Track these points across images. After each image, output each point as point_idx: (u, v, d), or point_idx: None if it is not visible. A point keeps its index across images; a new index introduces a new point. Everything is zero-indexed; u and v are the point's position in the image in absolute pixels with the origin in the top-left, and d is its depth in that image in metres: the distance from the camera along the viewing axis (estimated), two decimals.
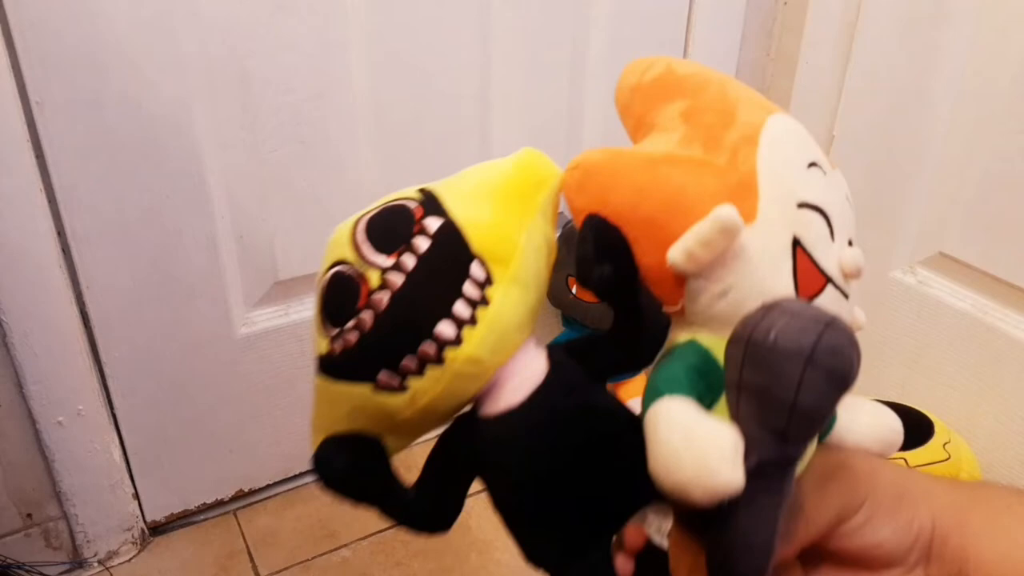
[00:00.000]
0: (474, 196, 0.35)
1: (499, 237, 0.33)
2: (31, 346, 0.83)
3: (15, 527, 0.93)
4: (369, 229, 0.34)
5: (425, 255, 0.32)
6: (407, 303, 0.31)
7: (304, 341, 1.01)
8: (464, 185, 0.35)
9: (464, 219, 0.33)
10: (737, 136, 0.33)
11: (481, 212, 0.34)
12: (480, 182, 0.36)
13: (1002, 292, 0.97)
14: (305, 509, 1.07)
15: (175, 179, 0.85)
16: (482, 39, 0.97)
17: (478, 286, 0.32)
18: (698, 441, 0.29)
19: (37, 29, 0.73)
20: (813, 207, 0.33)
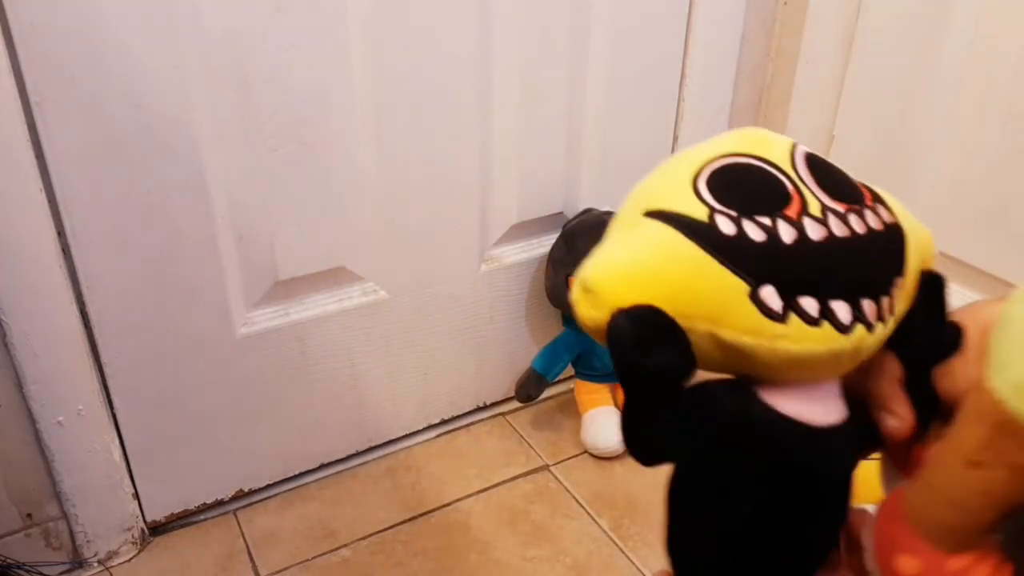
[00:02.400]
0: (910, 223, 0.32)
1: (914, 272, 0.31)
2: (31, 346, 0.83)
3: (15, 527, 0.93)
4: (811, 161, 0.30)
5: (876, 232, 0.29)
6: (844, 255, 0.28)
7: (304, 341, 1.01)
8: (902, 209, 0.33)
9: (911, 234, 0.31)
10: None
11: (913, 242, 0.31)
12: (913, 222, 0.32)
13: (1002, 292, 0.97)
14: (305, 509, 1.07)
15: (175, 179, 0.85)
16: (482, 40, 0.97)
17: (894, 298, 0.30)
18: None
19: (37, 29, 0.73)
20: None
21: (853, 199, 0.30)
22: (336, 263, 1.00)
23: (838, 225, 0.28)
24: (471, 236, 1.08)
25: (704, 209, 0.28)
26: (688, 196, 0.28)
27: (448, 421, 1.20)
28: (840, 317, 0.28)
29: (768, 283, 0.27)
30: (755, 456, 0.30)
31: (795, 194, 0.28)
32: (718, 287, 0.27)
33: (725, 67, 1.17)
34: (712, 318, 0.28)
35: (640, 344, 0.27)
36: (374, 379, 1.10)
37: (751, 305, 0.27)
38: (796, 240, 0.27)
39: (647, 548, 1.00)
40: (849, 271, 0.28)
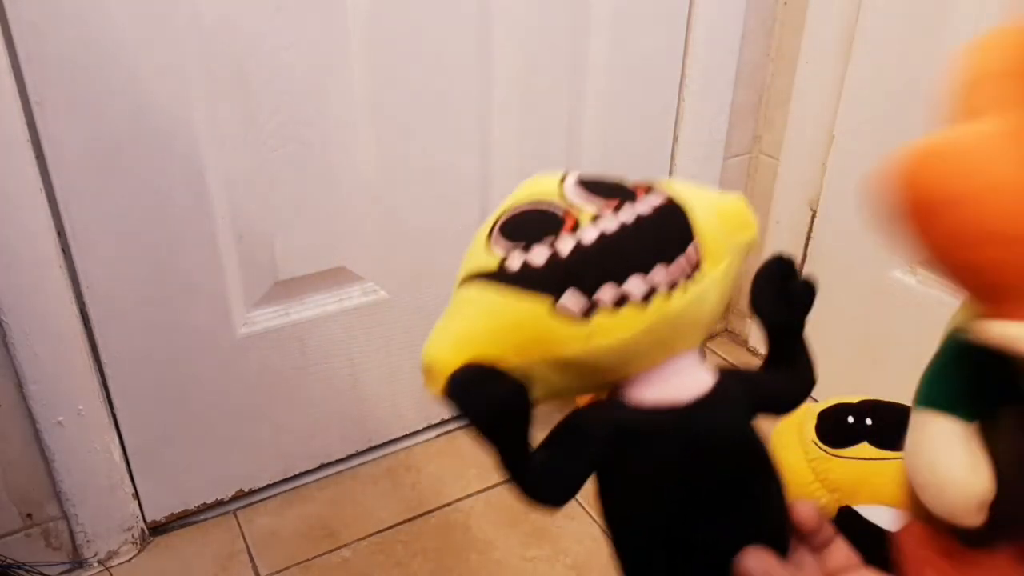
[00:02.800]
0: (699, 197, 0.34)
1: (717, 239, 0.33)
2: (31, 346, 0.83)
3: (15, 527, 0.93)
4: (582, 181, 0.33)
5: (649, 215, 0.32)
6: (622, 242, 0.31)
7: (304, 341, 1.01)
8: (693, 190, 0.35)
9: (689, 203, 0.33)
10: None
11: (707, 212, 0.33)
12: (702, 193, 0.35)
13: None
14: (305, 509, 1.07)
15: (175, 179, 0.85)
16: (482, 40, 0.97)
17: (692, 264, 0.32)
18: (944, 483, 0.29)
19: (37, 29, 0.73)
20: None
21: (622, 197, 0.32)
22: (336, 263, 1.00)
23: (609, 221, 0.31)
24: (471, 236, 1.08)
25: (495, 258, 0.31)
26: (484, 253, 0.32)
27: (448, 421, 1.20)
28: (635, 293, 0.30)
29: (563, 289, 0.30)
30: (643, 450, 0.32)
31: (567, 215, 0.31)
32: (525, 316, 0.30)
33: (725, 67, 1.17)
34: (537, 345, 0.30)
35: (467, 394, 0.30)
36: (374, 379, 1.10)
37: (557, 317, 0.30)
38: (574, 248, 0.30)
39: None
40: (630, 253, 0.30)
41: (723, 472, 0.32)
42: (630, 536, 0.34)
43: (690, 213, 0.32)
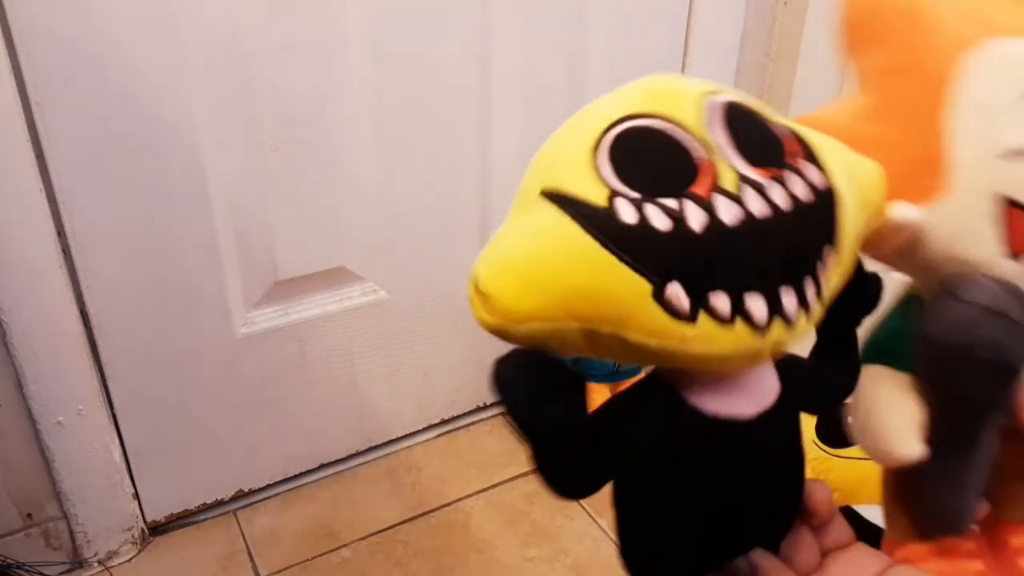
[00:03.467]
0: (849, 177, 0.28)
1: (853, 239, 0.28)
2: (31, 346, 0.83)
3: (15, 527, 0.93)
4: (726, 117, 0.26)
5: (803, 205, 0.26)
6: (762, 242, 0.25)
7: (304, 341, 1.01)
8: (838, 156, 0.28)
9: (845, 199, 0.27)
10: (921, 100, 0.30)
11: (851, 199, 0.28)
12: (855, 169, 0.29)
13: None
14: (305, 509, 1.07)
15: (175, 179, 0.85)
16: (482, 40, 0.97)
17: (826, 276, 0.27)
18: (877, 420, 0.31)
19: (37, 29, 0.73)
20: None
21: (776, 161, 0.26)
22: (336, 263, 1.00)
23: (756, 201, 0.25)
24: (471, 236, 1.08)
25: (604, 191, 0.24)
26: (587, 173, 0.25)
27: (448, 421, 1.20)
28: (755, 315, 0.25)
29: (675, 279, 0.24)
30: (689, 462, 0.28)
31: (706, 164, 0.25)
32: (619, 287, 0.24)
33: (725, 67, 1.17)
34: (615, 321, 0.25)
35: (526, 399, 0.25)
36: (374, 379, 1.10)
37: (656, 306, 0.24)
38: (706, 226, 0.24)
39: None
40: (767, 258, 0.25)
41: (767, 482, 0.30)
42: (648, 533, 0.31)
43: (840, 207, 0.27)
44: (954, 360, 0.29)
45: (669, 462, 0.28)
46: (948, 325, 0.29)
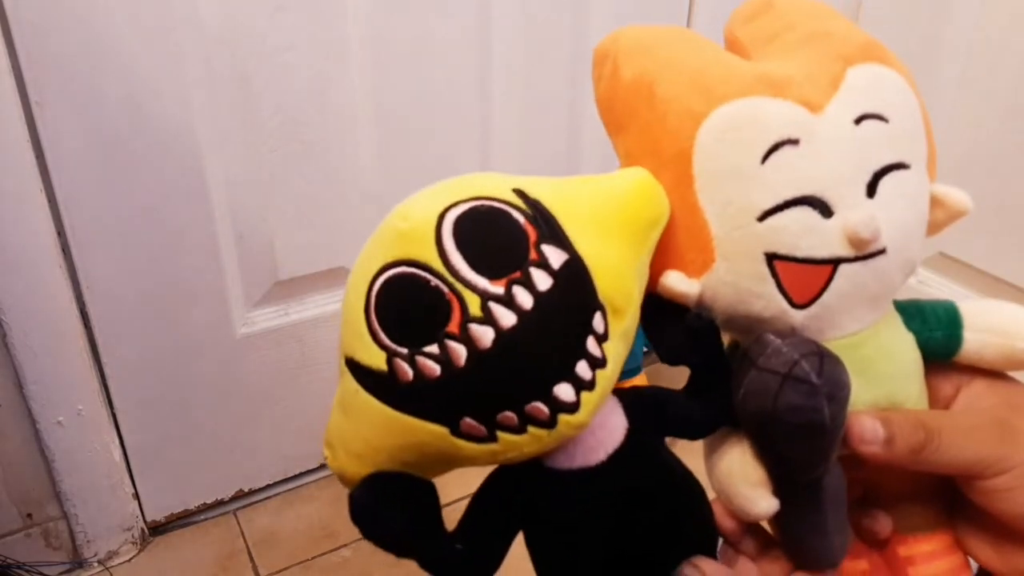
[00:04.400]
0: (595, 225, 0.29)
1: (621, 284, 0.28)
2: (31, 346, 0.83)
3: (15, 527, 0.93)
4: (462, 235, 0.27)
5: (546, 296, 0.26)
6: (520, 352, 0.26)
7: (304, 341, 1.01)
8: (579, 206, 0.29)
9: (590, 257, 0.28)
10: (671, 179, 0.31)
11: (606, 250, 0.28)
12: (599, 207, 0.29)
13: (1002, 292, 0.97)
14: (305, 509, 1.07)
15: (175, 179, 0.85)
16: (482, 40, 0.97)
17: (598, 342, 0.28)
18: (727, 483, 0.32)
19: (37, 29, 0.73)
20: (783, 205, 0.29)
21: (515, 263, 0.27)
22: (336, 263, 1.00)
23: (504, 313, 0.26)
24: None
25: (382, 355, 0.27)
26: (365, 338, 0.27)
27: None
28: (539, 417, 0.27)
29: (464, 416, 0.27)
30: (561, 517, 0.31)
31: (452, 298, 0.26)
32: (425, 438, 0.27)
33: None
34: (440, 459, 0.28)
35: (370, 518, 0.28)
36: None
37: (460, 440, 0.27)
38: (468, 357, 0.26)
39: None
40: (531, 364, 0.26)
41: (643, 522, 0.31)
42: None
43: (594, 270, 0.28)
44: (763, 427, 0.29)
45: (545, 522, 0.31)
46: (750, 395, 0.29)
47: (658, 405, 0.32)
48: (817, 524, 0.32)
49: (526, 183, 0.29)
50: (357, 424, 0.28)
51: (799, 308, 0.30)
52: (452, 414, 0.27)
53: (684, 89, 0.31)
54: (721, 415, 0.32)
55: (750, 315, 0.31)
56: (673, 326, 0.31)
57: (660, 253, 0.31)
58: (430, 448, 0.28)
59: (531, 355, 0.26)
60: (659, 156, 0.31)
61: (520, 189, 0.29)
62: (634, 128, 0.32)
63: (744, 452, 0.32)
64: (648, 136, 0.32)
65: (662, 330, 0.31)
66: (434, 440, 0.27)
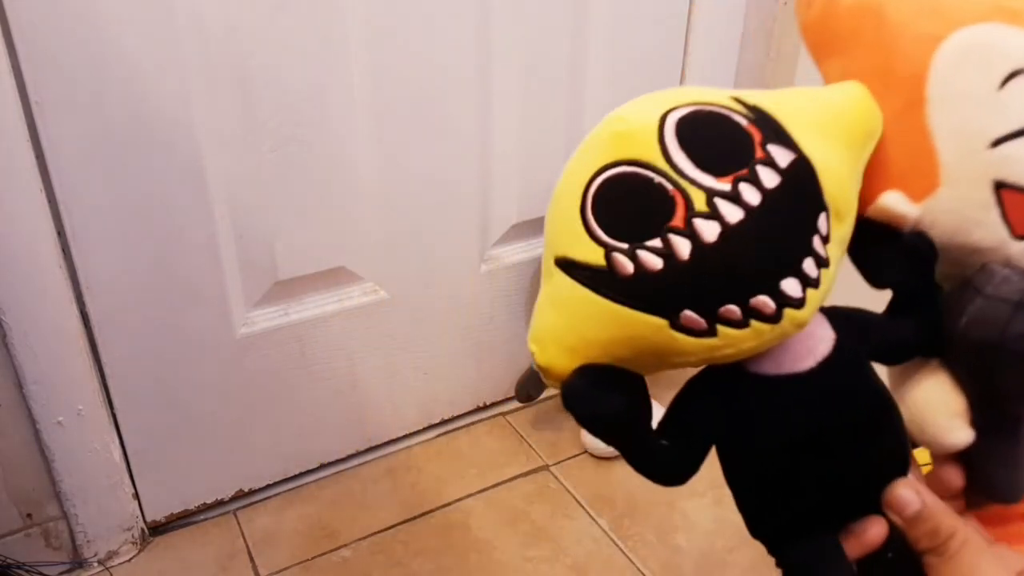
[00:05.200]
0: (817, 130, 0.29)
1: (844, 189, 0.29)
2: (31, 346, 0.83)
3: (15, 527, 0.93)
4: (685, 136, 0.27)
5: (774, 193, 0.27)
6: (748, 246, 0.26)
7: (304, 341, 1.01)
8: (799, 112, 0.29)
9: (816, 159, 0.28)
10: (901, 101, 0.31)
11: (831, 153, 0.28)
12: (818, 114, 0.30)
13: None
14: (305, 509, 1.07)
15: (175, 179, 0.85)
16: (481, 39, 0.97)
17: (823, 242, 0.28)
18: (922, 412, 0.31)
19: (37, 29, 0.73)
20: (1018, 133, 0.29)
21: (740, 161, 0.27)
22: (336, 263, 1.00)
23: (730, 209, 0.26)
24: (471, 236, 1.08)
25: (598, 250, 0.27)
26: (582, 237, 0.28)
27: (448, 421, 1.20)
28: (765, 311, 0.27)
29: (685, 308, 0.27)
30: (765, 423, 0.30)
31: (676, 194, 0.27)
32: (642, 331, 0.27)
33: (725, 67, 1.17)
34: (653, 354, 0.28)
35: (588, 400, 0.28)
36: (374, 379, 1.10)
37: (678, 334, 0.27)
38: (692, 252, 0.26)
39: (647, 548, 1.00)
40: (759, 257, 0.27)
41: (848, 431, 0.31)
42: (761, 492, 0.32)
43: (820, 172, 0.28)
44: (985, 356, 0.29)
45: (751, 426, 0.31)
46: (975, 323, 0.29)
47: (863, 326, 0.32)
48: (1009, 457, 0.32)
49: (741, 93, 0.30)
50: (571, 319, 0.28)
51: (1019, 239, 0.30)
52: (673, 306, 0.27)
53: (917, 13, 0.31)
54: (926, 341, 0.32)
55: (966, 244, 0.31)
56: (888, 246, 0.31)
57: (876, 176, 0.31)
58: (645, 342, 0.28)
59: (759, 250, 0.27)
60: (888, 78, 0.31)
61: (737, 97, 0.29)
62: (857, 51, 0.32)
63: (943, 382, 0.32)
64: (875, 58, 0.31)
65: (876, 249, 0.31)
66: (651, 333, 0.27)
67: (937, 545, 0.30)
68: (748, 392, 0.30)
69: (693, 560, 0.99)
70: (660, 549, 1.00)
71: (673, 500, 1.07)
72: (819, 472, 0.31)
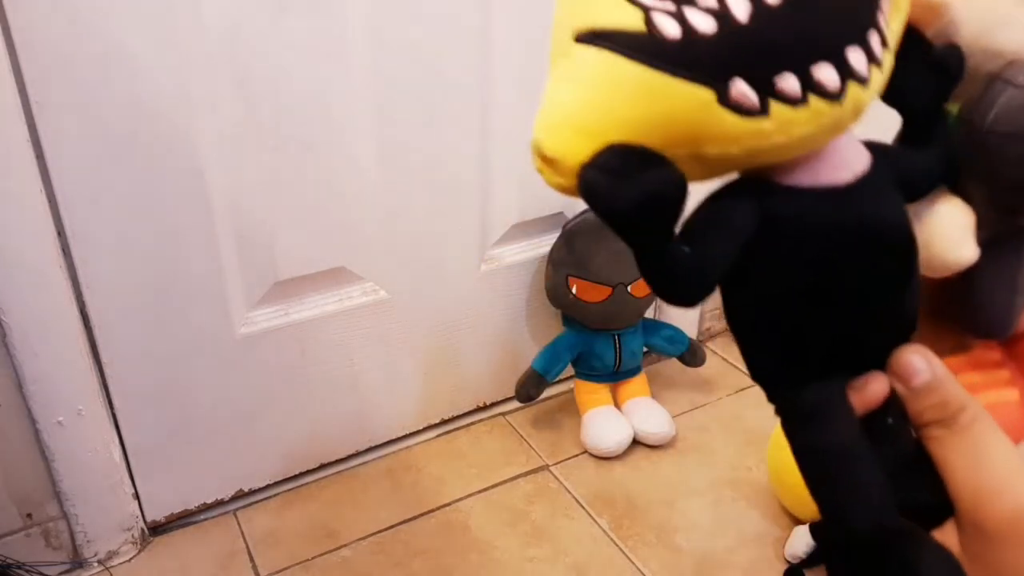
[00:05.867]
0: None
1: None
2: (31, 346, 0.83)
3: (15, 527, 0.93)
4: None
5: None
6: (812, 6, 0.23)
7: (304, 341, 1.01)
8: None
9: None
10: None
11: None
12: None
13: None
14: (305, 509, 1.07)
15: (175, 179, 0.85)
16: (482, 41, 0.97)
17: (886, 26, 0.25)
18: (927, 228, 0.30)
19: (37, 29, 0.73)
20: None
21: None
22: (336, 263, 1.00)
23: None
24: (471, 236, 1.08)
25: (637, 13, 0.23)
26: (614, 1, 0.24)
27: (448, 421, 1.20)
28: (828, 85, 0.24)
29: (736, 76, 0.23)
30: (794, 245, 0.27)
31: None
32: (682, 105, 0.23)
33: None
34: (689, 140, 0.24)
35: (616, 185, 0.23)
36: (374, 379, 1.10)
37: (725, 111, 0.23)
38: (751, 12, 0.23)
39: (647, 548, 1.00)
40: (824, 23, 0.24)
41: (879, 261, 0.28)
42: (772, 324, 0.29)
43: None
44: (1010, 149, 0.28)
45: (778, 243, 0.27)
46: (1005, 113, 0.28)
47: (890, 153, 0.29)
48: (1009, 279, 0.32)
49: None
50: (596, 93, 0.24)
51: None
52: (724, 73, 0.23)
53: None
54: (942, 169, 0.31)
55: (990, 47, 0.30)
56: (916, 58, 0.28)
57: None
58: (683, 123, 0.23)
59: (824, 11, 0.24)
60: None
61: None
62: None
63: (950, 199, 0.31)
64: None
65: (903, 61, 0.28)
66: (693, 110, 0.23)
67: (945, 417, 0.28)
68: (783, 202, 0.27)
69: (693, 560, 0.99)
70: (660, 549, 1.00)
71: (673, 500, 1.07)
72: (840, 304, 0.28)
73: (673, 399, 1.23)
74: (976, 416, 0.28)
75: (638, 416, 1.15)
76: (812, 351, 0.29)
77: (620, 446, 1.12)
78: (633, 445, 1.14)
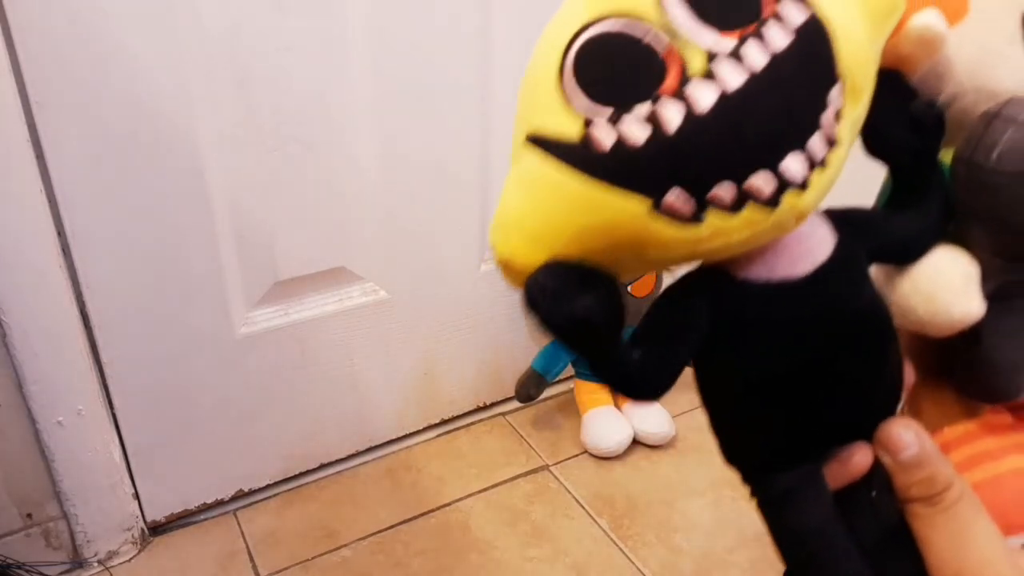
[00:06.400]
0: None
1: (863, 58, 0.25)
2: (31, 346, 0.83)
3: (15, 527, 0.93)
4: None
5: (782, 56, 0.23)
6: (746, 116, 0.23)
7: (304, 341, 1.01)
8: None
9: (834, 22, 0.24)
10: None
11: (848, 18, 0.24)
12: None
13: None
14: (305, 509, 1.07)
15: (175, 179, 0.85)
16: (482, 40, 0.97)
17: (835, 119, 0.24)
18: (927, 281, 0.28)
19: (37, 29, 0.73)
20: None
21: (745, 18, 0.23)
22: (336, 263, 1.00)
23: (732, 71, 0.23)
24: (471, 236, 1.08)
25: (577, 121, 0.23)
26: (558, 107, 0.24)
27: (448, 421, 1.20)
28: (761, 193, 0.23)
29: (672, 186, 0.23)
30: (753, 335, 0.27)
31: (671, 51, 0.23)
32: (617, 214, 0.23)
33: None
34: (630, 245, 0.24)
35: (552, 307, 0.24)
36: (374, 379, 1.10)
37: (660, 218, 0.23)
38: (684, 120, 0.22)
39: (647, 548, 1.00)
40: (760, 129, 0.23)
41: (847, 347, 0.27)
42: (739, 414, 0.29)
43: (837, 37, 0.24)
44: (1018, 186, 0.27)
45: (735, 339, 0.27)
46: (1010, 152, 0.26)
47: (865, 223, 0.29)
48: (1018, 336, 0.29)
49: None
50: (539, 202, 0.24)
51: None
52: (658, 182, 0.23)
53: None
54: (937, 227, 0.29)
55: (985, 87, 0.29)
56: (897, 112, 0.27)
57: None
58: (621, 231, 0.24)
59: (759, 121, 0.23)
60: None
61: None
62: None
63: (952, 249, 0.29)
64: None
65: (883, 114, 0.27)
66: (629, 219, 0.23)
67: (931, 495, 0.27)
68: (734, 301, 0.26)
69: (693, 560, 0.99)
70: (660, 549, 1.00)
71: (673, 500, 1.07)
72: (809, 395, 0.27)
73: (673, 399, 1.22)
74: (961, 495, 0.28)
75: (638, 416, 1.15)
76: (783, 439, 0.28)
77: (620, 446, 1.12)
78: (633, 445, 1.14)
